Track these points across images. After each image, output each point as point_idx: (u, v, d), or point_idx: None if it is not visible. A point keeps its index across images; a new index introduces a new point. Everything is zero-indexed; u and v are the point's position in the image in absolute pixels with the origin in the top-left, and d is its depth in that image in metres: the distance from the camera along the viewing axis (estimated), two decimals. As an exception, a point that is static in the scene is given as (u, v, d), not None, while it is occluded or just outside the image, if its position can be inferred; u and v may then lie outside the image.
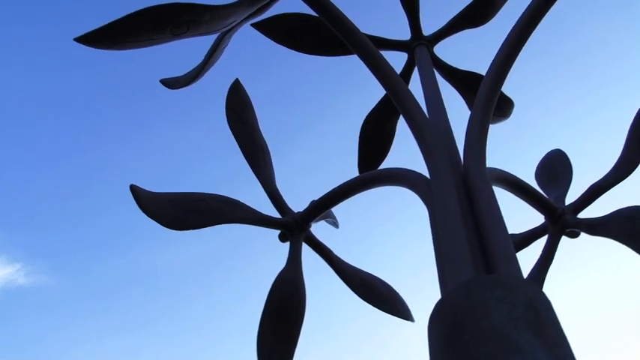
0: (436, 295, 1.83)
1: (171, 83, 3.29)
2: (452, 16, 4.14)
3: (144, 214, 2.79)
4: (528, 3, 2.60)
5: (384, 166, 4.30)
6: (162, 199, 2.90)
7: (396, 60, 4.07)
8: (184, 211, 2.91)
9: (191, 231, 2.92)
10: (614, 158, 3.22)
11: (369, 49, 2.67)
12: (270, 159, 3.47)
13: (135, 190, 2.78)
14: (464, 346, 1.30)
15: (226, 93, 3.48)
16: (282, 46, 4.05)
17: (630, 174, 3.10)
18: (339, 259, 3.37)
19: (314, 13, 2.77)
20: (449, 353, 1.34)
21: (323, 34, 3.98)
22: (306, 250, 3.22)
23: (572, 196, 3.34)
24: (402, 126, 4.31)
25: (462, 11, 4.12)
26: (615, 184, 3.15)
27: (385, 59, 2.70)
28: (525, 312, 1.32)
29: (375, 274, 3.52)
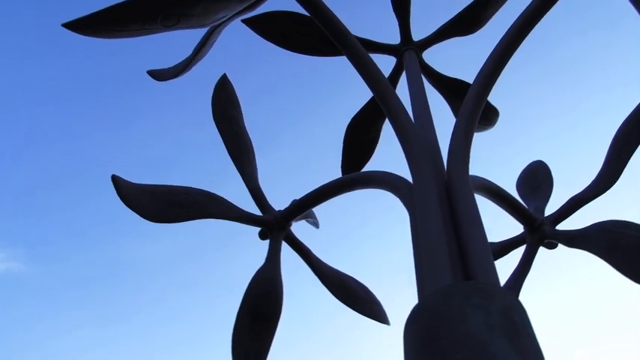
0: (413, 300, 1.84)
1: (158, 75, 3.27)
2: (443, 23, 4.16)
3: (124, 205, 2.77)
4: (518, 14, 2.62)
5: (367, 169, 4.32)
6: (143, 191, 2.88)
7: (385, 64, 4.09)
8: (165, 204, 2.89)
9: (172, 224, 2.90)
10: (595, 171, 3.25)
11: (359, 52, 2.67)
12: (253, 156, 3.46)
13: (116, 181, 2.76)
14: (439, 351, 1.31)
15: (213, 88, 3.47)
16: (271, 44, 4.05)
17: (609, 188, 3.14)
18: (318, 259, 3.37)
19: (305, 12, 2.76)
20: (424, 358, 1.35)
21: (313, 33, 3.98)
22: (286, 250, 3.22)
23: (552, 208, 3.37)
24: (386, 130, 4.32)
25: (452, 19, 4.15)
26: (595, 198, 3.18)
27: (374, 62, 2.71)
28: (501, 320, 1.33)
29: (353, 276, 3.53)
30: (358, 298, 3.41)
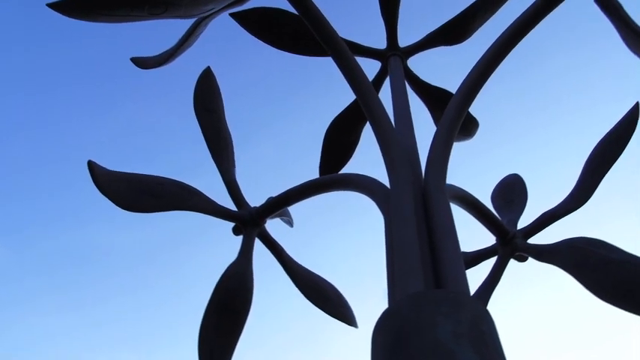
0: (382, 305, 1.85)
1: (141, 62, 3.24)
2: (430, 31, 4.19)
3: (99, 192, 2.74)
4: (505, 28, 2.65)
5: (344, 171, 4.32)
6: (118, 178, 2.85)
7: (370, 68, 4.10)
8: (141, 193, 2.86)
9: (147, 214, 2.88)
10: (569, 188, 3.30)
11: (345, 54, 2.68)
12: (232, 150, 3.45)
13: (92, 167, 2.73)
14: (407, 358, 1.32)
15: (197, 80, 3.45)
16: (258, 40, 4.04)
17: (581, 206, 3.18)
18: (290, 258, 3.37)
19: (294, 11, 2.76)
20: (391, 363, 1.36)
21: (300, 32, 3.97)
22: (259, 247, 3.22)
23: (525, 221, 3.41)
24: (366, 134, 4.34)
25: (438, 28, 4.17)
26: (567, 214, 3.23)
27: (359, 66, 2.71)
28: (469, 329, 1.34)
29: (324, 277, 3.53)
30: (328, 299, 3.41)
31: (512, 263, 3.26)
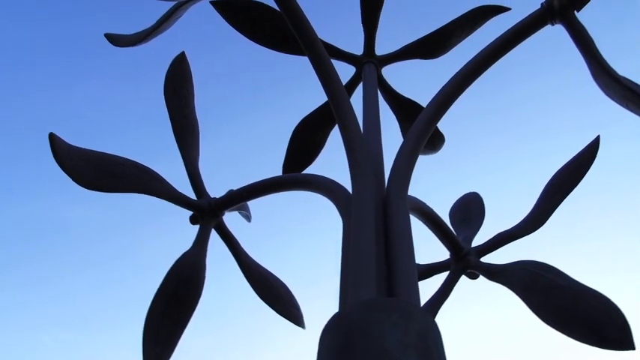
0: (332, 308, 1.85)
1: (115, 39, 3.19)
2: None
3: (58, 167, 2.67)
4: (483, 47, 2.70)
5: (307, 172, 4.32)
6: (79, 154, 2.79)
7: (344, 72, 4.11)
8: (101, 172, 2.81)
9: (106, 193, 2.82)
10: (527, 211, 3.37)
11: (321, 55, 2.68)
12: (198, 138, 3.41)
13: (53, 140, 2.66)
14: (353, 363, 1.33)
15: (170, 63, 3.40)
16: (235, 31, 4.01)
17: (536, 230, 3.26)
18: (245, 252, 3.35)
19: (275, 7, 2.75)
20: (337, 366, 1.36)
21: (279, 29, 3.96)
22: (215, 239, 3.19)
23: (480, 239, 3.47)
24: (332, 137, 4.35)
25: (415, 41, 4.22)
26: (521, 237, 3.29)
27: (334, 68, 2.72)
28: (416, 340, 1.36)
29: (276, 275, 3.52)
30: (279, 298, 3.40)
31: (464, 279, 3.31)
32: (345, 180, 2.47)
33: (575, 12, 2.61)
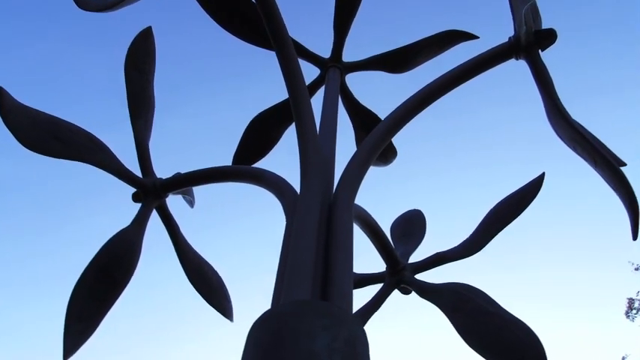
0: (265, 305, 1.85)
1: (82, 2, 3.10)
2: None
3: (3, 123, 2.58)
4: (447, 70, 2.75)
5: (257, 166, 4.30)
6: (27, 113, 2.70)
7: (309, 72, 4.11)
8: (47, 135, 2.72)
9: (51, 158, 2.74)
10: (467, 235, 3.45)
11: (289, 52, 2.67)
12: (152, 116, 3.35)
13: (2, 95, 2.57)
14: (279, 361, 1.33)
15: (135, 37, 3.33)
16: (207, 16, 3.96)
17: (472, 255, 3.34)
18: (184, 237, 3.31)
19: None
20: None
21: (252, 20, 3.94)
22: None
23: (418, 257, 3.53)
24: (287, 135, 4.35)
25: (381, 54, 4.26)
26: (457, 259, 3.37)
27: (300, 67, 2.72)
28: (344, 346, 1.37)
29: (212, 265, 3.49)
30: (211, 288, 3.37)
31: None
32: (294, 179, 2.48)
33: (540, 51, 2.69)
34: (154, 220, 3.14)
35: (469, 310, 2.92)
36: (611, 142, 2.59)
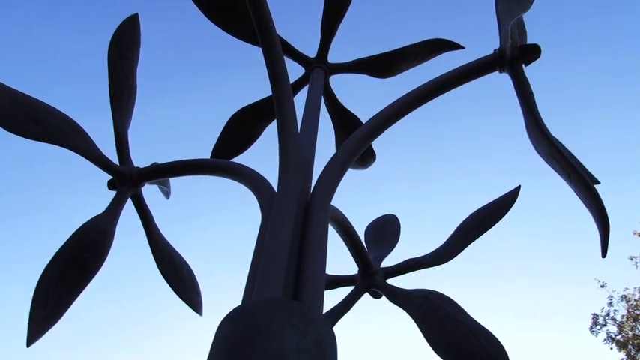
0: (235, 301, 1.85)
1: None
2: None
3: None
4: (430, 78, 2.77)
5: (236, 161, 4.29)
6: (6, 93, 2.66)
7: (293, 71, 4.11)
8: (25, 116, 2.68)
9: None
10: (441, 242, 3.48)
11: (275, 49, 2.66)
12: (132, 105, 3.32)
13: None
14: (246, 358, 1.33)
15: (120, 23, 3.30)
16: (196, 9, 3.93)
17: (445, 263, 3.37)
18: (157, 228, 3.29)
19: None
20: (229, 359, 1.36)
21: (241, 15, 3.92)
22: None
23: (390, 261, 3.54)
24: (268, 132, 4.34)
25: (367, 57, 4.26)
26: (430, 266, 3.40)
27: (285, 65, 2.71)
28: (312, 346, 1.38)
29: (183, 257, 3.47)
30: (182, 280, 3.35)
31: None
32: (271, 177, 2.48)
33: (524, 65, 2.72)
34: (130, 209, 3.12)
35: (438, 318, 2.95)
36: (587, 160, 2.63)
